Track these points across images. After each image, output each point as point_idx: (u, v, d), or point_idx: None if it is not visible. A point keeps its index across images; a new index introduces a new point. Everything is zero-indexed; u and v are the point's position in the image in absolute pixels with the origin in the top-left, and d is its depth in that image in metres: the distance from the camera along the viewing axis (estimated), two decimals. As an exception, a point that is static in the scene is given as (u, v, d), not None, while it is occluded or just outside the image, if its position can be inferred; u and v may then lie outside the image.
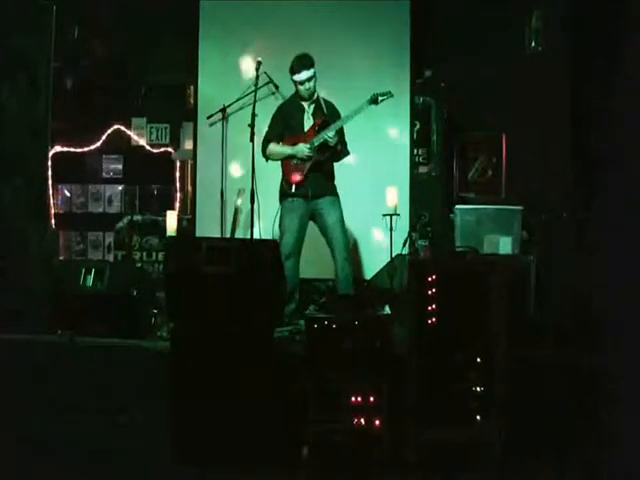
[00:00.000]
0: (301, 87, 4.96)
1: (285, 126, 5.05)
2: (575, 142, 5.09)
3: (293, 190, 4.93)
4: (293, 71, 4.96)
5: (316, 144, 4.88)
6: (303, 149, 4.90)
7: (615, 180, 4.36)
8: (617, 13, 4.44)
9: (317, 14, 6.20)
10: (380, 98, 4.90)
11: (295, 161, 4.94)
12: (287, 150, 4.97)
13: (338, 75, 5.86)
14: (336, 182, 5.11)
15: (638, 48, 4.14)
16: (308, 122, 5.01)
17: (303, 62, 4.92)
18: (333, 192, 5.03)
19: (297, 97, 5.08)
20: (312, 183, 4.92)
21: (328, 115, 4.97)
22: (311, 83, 4.94)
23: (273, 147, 5.04)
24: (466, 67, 6.02)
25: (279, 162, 5.04)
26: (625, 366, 3.51)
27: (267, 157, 5.08)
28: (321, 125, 4.92)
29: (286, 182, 4.99)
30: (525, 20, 5.80)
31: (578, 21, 5.02)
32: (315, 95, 5.04)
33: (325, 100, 5.07)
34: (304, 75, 4.90)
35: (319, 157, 4.90)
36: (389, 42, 6.13)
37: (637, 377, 3.45)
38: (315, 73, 4.95)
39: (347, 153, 5.09)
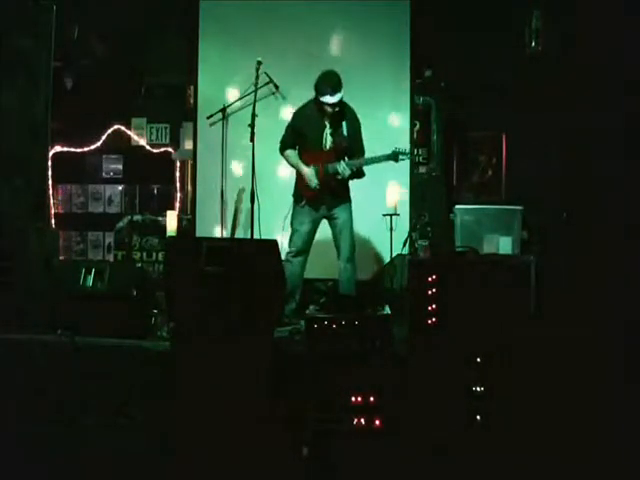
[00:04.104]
0: (326, 107, 4.77)
1: (302, 136, 4.91)
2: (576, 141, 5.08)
3: (305, 201, 4.90)
4: (319, 91, 4.76)
5: (330, 172, 4.81)
6: (312, 180, 4.82)
7: (616, 180, 4.36)
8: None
9: (317, 14, 6.19)
10: (400, 157, 4.81)
11: (313, 182, 4.86)
12: (301, 167, 4.89)
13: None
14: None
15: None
16: (327, 140, 4.86)
17: (331, 85, 4.71)
18: (346, 199, 4.98)
19: (318, 103, 4.84)
20: (326, 197, 4.89)
21: (348, 135, 4.82)
22: (336, 108, 4.77)
23: (290, 153, 4.96)
24: (466, 67, 6.02)
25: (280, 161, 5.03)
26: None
27: (283, 156, 5.03)
28: (340, 153, 4.82)
29: (301, 191, 4.93)
30: (525, 20, 5.80)
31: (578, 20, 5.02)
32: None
33: (347, 111, 4.86)
34: (329, 99, 4.72)
35: (332, 180, 4.84)
36: (389, 42, 6.13)
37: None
38: (342, 97, 4.76)
39: (362, 175, 4.97)
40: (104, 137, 6.89)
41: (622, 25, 4.40)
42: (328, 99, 4.72)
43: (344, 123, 4.85)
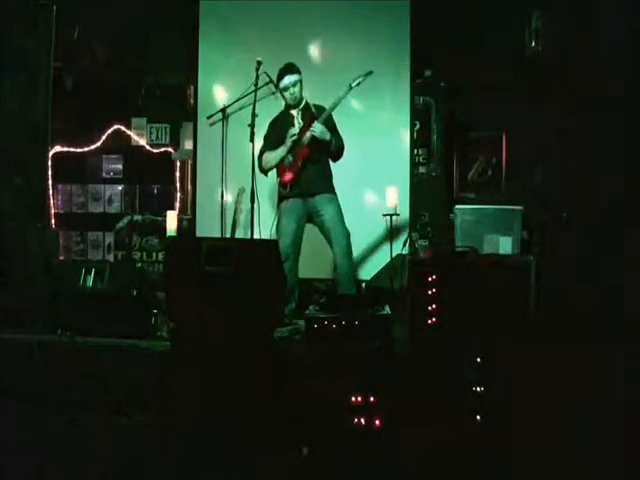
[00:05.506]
0: (286, 93, 5.03)
1: (278, 137, 5.08)
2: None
3: (289, 190, 4.95)
4: (278, 79, 5.05)
5: (305, 142, 4.91)
6: (292, 131, 4.95)
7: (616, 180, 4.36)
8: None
9: (317, 14, 6.19)
10: (357, 81, 4.93)
11: (289, 159, 4.97)
12: (278, 150, 5.01)
13: (337, 75, 5.85)
14: (337, 182, 5.11)
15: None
16: (299, 126, 5.04)
17: (287, 69, 5.01)
18: (329, 190, 5.04)
19: (286, 109, 5.14)
20: (307, 180, 4.95)
21: (317, 113, 5.01)
22: (295, 88, 5.01)
23: (267, 154, 5.09)
24: (466, 67, 6.02)
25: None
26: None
27: (264, 169, 5.13)
28: (309, 123, 4.95)
29: (282, 184, 5.01)
30: (525, 20, 5.80)
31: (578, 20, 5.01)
32: (303, 102, 5.09)
33: (315, 105, 5.11)
34: (287, 80, 4.99)
35: (313, 151, 4.92)
36: (389, 42, 6.13)
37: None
38: (301, 80, 5.02)
39: (340, 143, 5.07)
40: (104, 137, 6.89)
41: (622, 25, 4.40)
42: (280, 83, 5.01)
43: (312, 107, 5.08)
